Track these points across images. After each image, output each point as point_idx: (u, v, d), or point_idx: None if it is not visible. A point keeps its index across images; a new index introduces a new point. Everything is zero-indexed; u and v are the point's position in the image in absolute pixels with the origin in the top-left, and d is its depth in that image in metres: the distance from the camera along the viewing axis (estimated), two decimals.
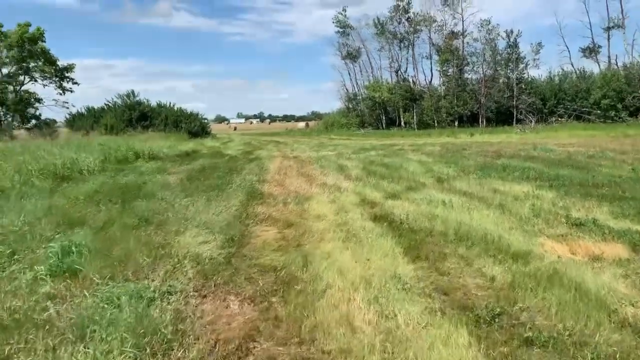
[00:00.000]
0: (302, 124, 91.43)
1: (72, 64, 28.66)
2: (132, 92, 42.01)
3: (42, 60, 39.62)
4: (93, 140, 22.18)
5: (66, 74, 41.30)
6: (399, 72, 52.04)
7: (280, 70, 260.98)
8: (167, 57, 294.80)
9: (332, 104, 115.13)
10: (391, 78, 52.73)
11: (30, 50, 38.57)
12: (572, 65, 46.27)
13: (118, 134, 35.65)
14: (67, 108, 41.28)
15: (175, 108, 43.79)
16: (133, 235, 6.09)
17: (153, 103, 43.58)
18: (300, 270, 4.89)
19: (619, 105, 37.73)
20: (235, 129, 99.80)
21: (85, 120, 40.02)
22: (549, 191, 8.85)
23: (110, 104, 41.74)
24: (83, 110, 42.06)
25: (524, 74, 46.10)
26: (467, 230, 6.11)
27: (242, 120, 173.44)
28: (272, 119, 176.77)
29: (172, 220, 7.10)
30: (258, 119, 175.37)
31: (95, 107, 41.87)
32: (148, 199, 8.83)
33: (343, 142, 32.67)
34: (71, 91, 34.10)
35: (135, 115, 40.69)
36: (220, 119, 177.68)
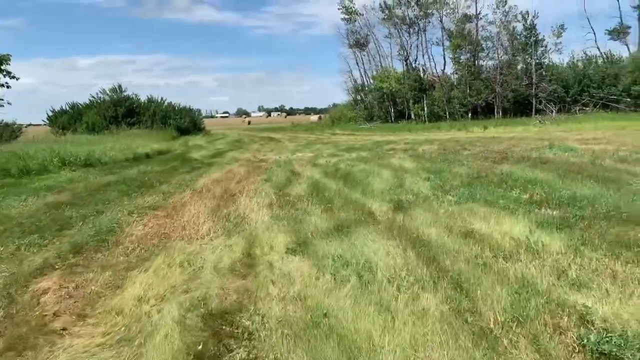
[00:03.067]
0: (315, 117, 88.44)
1: (7, 54, 24.82)
2: (119, 86, 39.27)
3: None
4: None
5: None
6: (408, 60, 48.21)
7: (303, 63, 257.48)
8: (190, 52, 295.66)
9: (342, 97, 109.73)
10: (402, 67, 48.96)
11: None
12: (598, 49, 41.73)
13: (100, 132, 33.05)
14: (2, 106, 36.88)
15: (166, 103, 40.89)
16: None
17: (143, 97, 40.85)
18: None
19: None
20: (249, 123, 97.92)
21: (69, 118, 37.35)
22: (555, 236, 5.43)
23: (95, 100, 39.01)
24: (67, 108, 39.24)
25: (544, 59, 41.82)
26: None
27: (260, 114, 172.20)
28: (293, 112, 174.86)
29: None
30: (279, 112, 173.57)
31: (80, 104, 39.09)
32: None
33: (340, 139, 29.36)
34: (7, 86, 29.96)
35: (121, 111, 37.95)
36: (241, 113, 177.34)
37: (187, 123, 39.73)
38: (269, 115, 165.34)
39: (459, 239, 5.50)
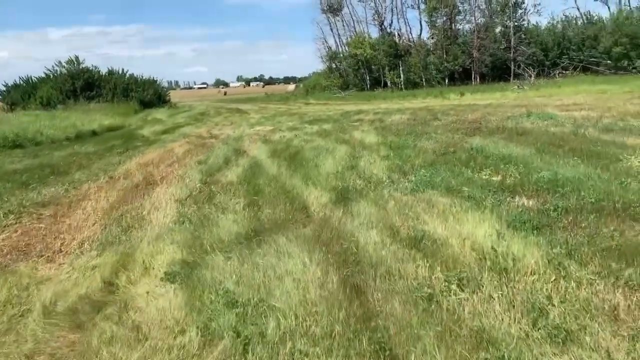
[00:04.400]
0: (292, 87, 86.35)
1: None
2: (77, 58, 36.72)
3: None
4: None
5: None
6: (383, 25, 46.18)
7: (282, 31, 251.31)
8: (166, 22, 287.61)
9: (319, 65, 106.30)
10: (377, 33, 46.88)
11: None
12: (578, 10, 40.27)
13: (54, 108, 30.88)
14: None
15: (127, 75, 38.55)
16: None
17: (104, 70, 38.44)
18: None
19: (633, 54, 32.16)
20: (225, 93, 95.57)
21: (22, 92, 34.89)
22: (531, 241, 4.06)
23: (51, 73, 36.49)
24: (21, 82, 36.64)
25: (523, 21, 40.15)
26: None
27: (239, 84, 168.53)
28: (273, 81, 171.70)
29: None
30: (258, 82, 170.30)
31: (34, 77, 36.52)
32: None
33: (309, 110, 27.77)
34: None
35: (79, 84, 35.61)
36: (220, 83, 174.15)
37: (151, 96, 37.53)
38: (248, 85, 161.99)
39: (404, 250, 4.09)
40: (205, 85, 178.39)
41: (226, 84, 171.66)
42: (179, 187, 7.09)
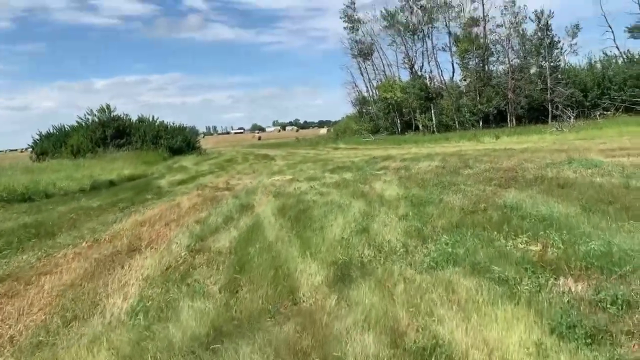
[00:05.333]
0: (324, 131, 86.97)
1: None
2: (107, 106, 37.29)
3: None
4: None
5: None
6: (414, 68, 45.59)
7: (316, 77, 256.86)
8: (204, 70, 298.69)
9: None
10: (408, 76, 46.25)
11: None
12: (618, 49, 38.61)
13: (84, 156, 31.06)
14: None
15: (157, 122, 38.84)
16: None
17: (134, 117, 38.89)
18: None
19: None
20: (259, 138, 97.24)
21: (54, 141, 35.43)
22: None
23: (83, 121, 37.07)
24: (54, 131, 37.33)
25: (559, 61, 38.81)
26: None
27: (274, 129, 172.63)
28: (307, 125, 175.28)
29: None
30: (293, 126, 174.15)
31: (67, 126, 37.17)
32: None
33: (336, 155, 26.97)
34: None
35: (109, 132, 35.97)
36: (256, 128, 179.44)
37: (180, 142, 37.58)
38: (284, 129, 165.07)
39: None
40: (242, 130, 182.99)
41: (262, 129, 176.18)
42: (159, 257, 6.13)
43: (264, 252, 5.90)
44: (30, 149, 36.40)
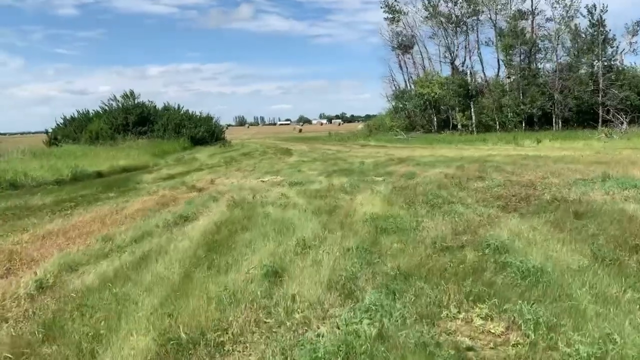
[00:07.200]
0: (361, 125, 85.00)
1: None
2: (132, 92, 36.57)
3: None
4: None
5: None
6: (454, 63, 42.75)
7: (364, 71, 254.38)
8: (255, 61, 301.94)
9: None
10: (450, 71, 43.41)
11: None
12: None
13: (103, 143, 30.33)
14: None
15: (182, 111, 37.87)
16: None
17: (160, 105, 38.12)
18: None
19: None
20: (300, 131, 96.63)
21: (76, 126, 34.96)
22: None
23: (105, 107, 36.49)
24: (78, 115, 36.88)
25: (614, 61, 35.21)
26: None
27: (320, 121, 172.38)
28: (354, 119, 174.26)
29: None
30: (339, 119, 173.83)
31: (91, 111, 36.66)
32: None
33: (358, 154, 25.11)
34: None
35: (132, 119, 35.24)
36: (302, 120, 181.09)
37: (203, 132, 36.46)
38: (330, 122, 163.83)
39: None
40: (288, 122, 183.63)
41: (308, 121, 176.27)
42: None
43: (89, 314, 4.10)
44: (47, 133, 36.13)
